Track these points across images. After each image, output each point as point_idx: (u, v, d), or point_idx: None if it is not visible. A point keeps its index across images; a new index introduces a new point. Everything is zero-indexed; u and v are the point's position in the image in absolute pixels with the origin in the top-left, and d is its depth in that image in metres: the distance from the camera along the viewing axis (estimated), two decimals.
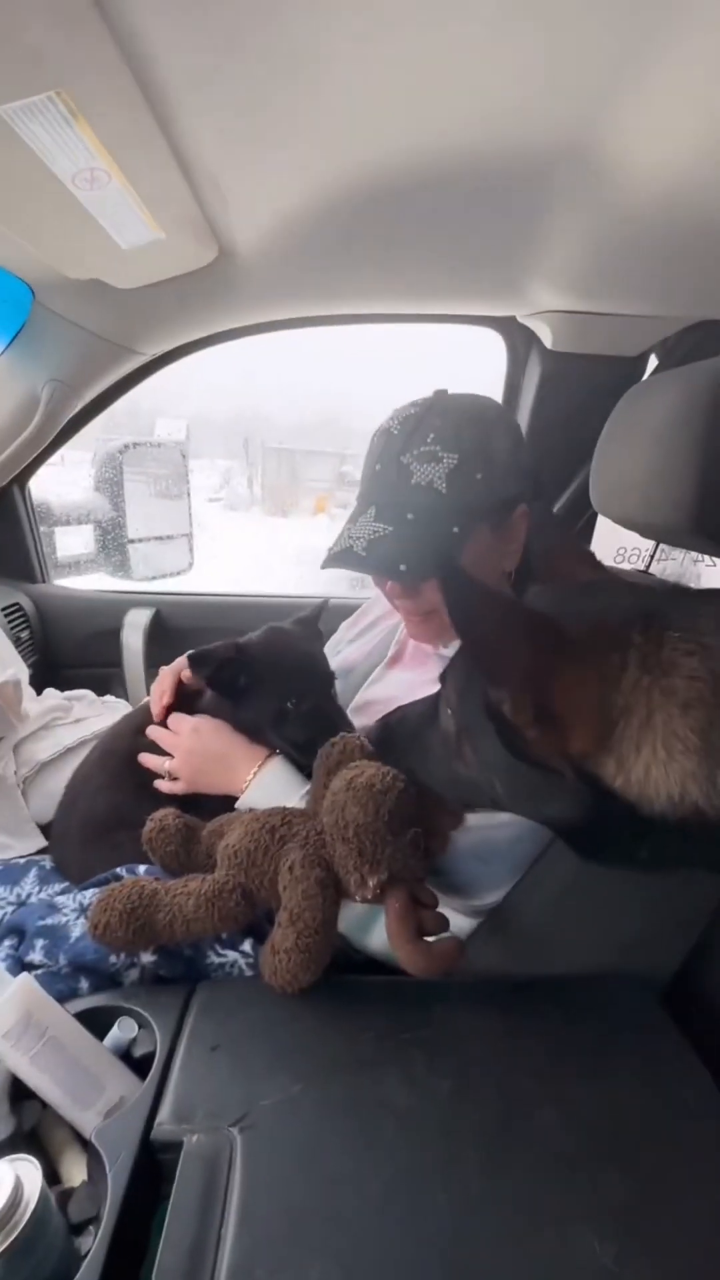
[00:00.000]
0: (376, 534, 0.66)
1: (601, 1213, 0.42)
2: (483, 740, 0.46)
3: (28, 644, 1.32)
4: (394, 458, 0.68)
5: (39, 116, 0.51)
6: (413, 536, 0.66)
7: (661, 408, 0.79)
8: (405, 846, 0.57)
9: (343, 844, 0.57)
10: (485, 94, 0.58)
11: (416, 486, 0.67)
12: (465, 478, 0.67)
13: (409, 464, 0.67)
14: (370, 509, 0.69)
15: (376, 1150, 0.44)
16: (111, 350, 1.11)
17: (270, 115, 0.60)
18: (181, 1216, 0.40)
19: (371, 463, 0.72)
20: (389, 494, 0.68)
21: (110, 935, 0.59)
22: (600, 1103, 0.50)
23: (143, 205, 0.67)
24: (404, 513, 0.66)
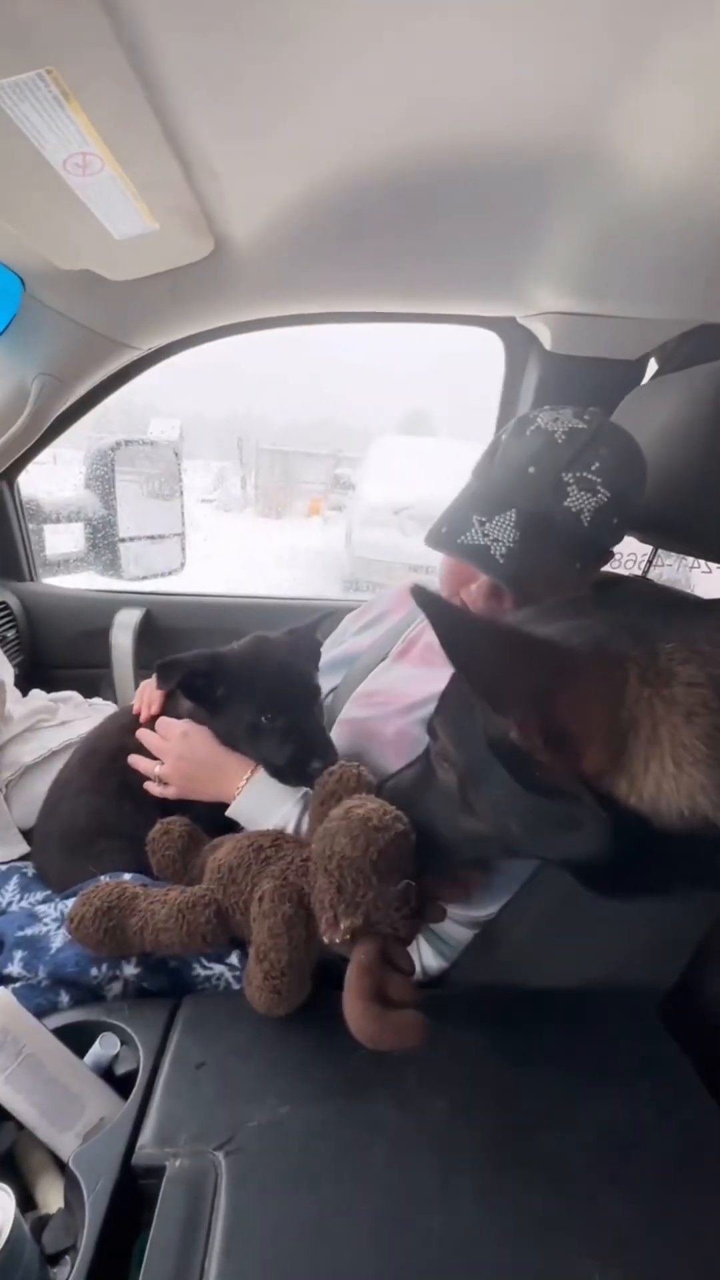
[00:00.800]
0: (515, 544, 0.64)
1: (603, 1240, 0.41)
2: (490, 781, 0.44)
3: (14, 643, 1.30)
4: (556, 470, 0.66)
5: (29, 96, 0.49)
6: (546, 559, 0.64)
7: (662, 412, 0.78)
8: (391, 897, 0.51)
9: (324, 875, 0.52)
10: (487, 89, 0.57)
11: (567, 510, 0.65)
12: (606, 518, 0.66)
13: (568, 483, 0.65)
14: (511, 511, 0.66)
15: (367, 1176, 0.43)
16: (103, 344, 1.09)
17: (269, 104, 0.59)
18: (162, 1247, 0.38)
19: (523, 458, 0.68)
20: (536, 503, 0.66)
21: (83, 929, 0.58)
22: (600, 1124, 0.48)
23: (137, 194, 0.65)
24: (546, 533, 0.65)
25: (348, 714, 0.80)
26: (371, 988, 0.48)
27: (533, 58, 0.51)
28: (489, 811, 0.47)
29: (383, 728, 0.73)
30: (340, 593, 4.50)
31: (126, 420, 4.31)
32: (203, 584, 1.60)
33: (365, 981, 0.48)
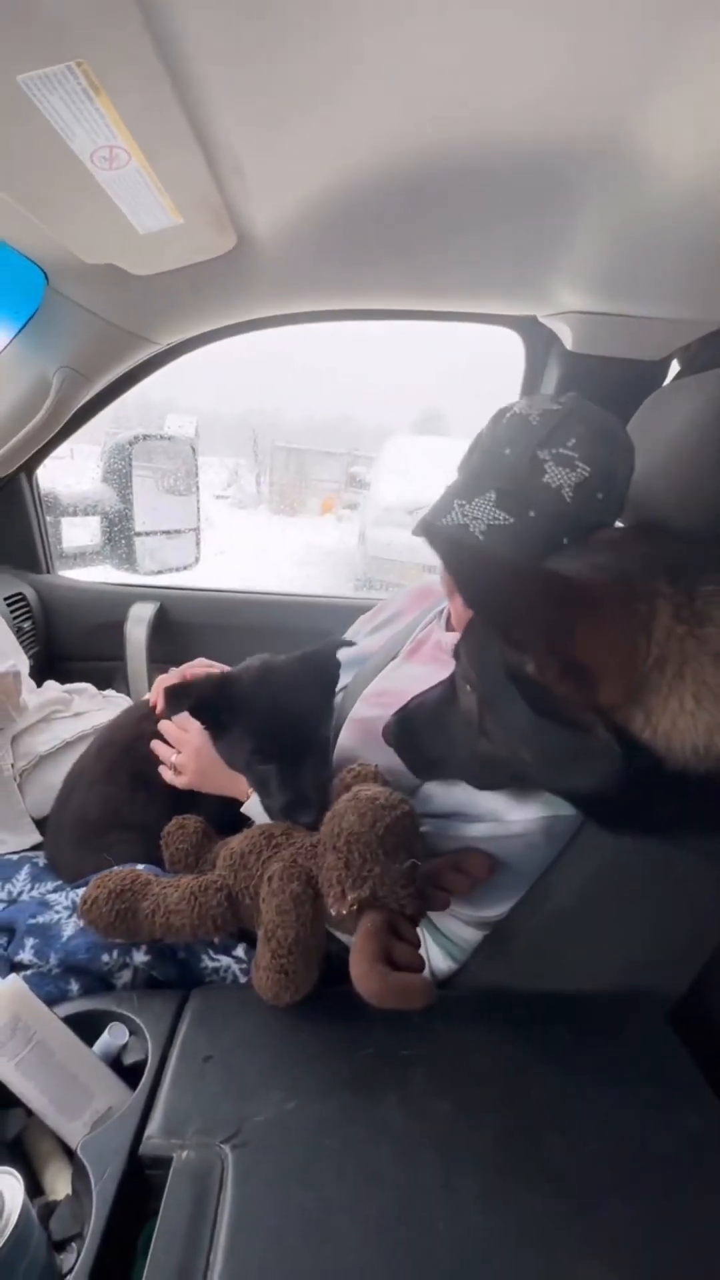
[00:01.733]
0: (497, 521, 0.64)
1: (607, 1244, 0.40)
2: (507, 708, 0.45)
3: (30, 634, 1.31)
4: (530, 449, 0.66)
5: (58, 88, 0.49)
6: (530, 536, 0.64)
7: (684, 414, 0.77)
8: (397, 874, 0.52)
9: (332, 852, 0.54)
10: (513, 85, 0.56)
11: (546, 486, 0.64)
12: (589, 493, 0.65)
13: (545, 460, 0.65)
14: (491, 493, 0.66)
15: (373, 1174, 0.42)
16: (124, 338, 1.09)
17: (295, 100, 0.59)
18: (168, 1239, 0.39)
19: (499, 446, 0.68)
20: (515, 484, 0.66)
21: (95, 911, 0.58)
22: (606, 1129, 0.48)
23: (162, 188, 0.66)
24: (527, 509, 0.64)
25: (357, 713, 0.80)
26: (378, 950, 0.49)
27: (559, 54, 0.51)
28: (503, 737, 0.47)
29: None
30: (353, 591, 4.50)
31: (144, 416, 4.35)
32: (216, 580, 1.61)
33: (372, 944, 0.49)
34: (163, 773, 0.77)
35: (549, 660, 0.38)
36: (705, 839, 0.53)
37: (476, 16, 0.47)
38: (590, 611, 0.38)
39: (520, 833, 0.63)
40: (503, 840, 0.64)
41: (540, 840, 0.64)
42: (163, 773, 0.77)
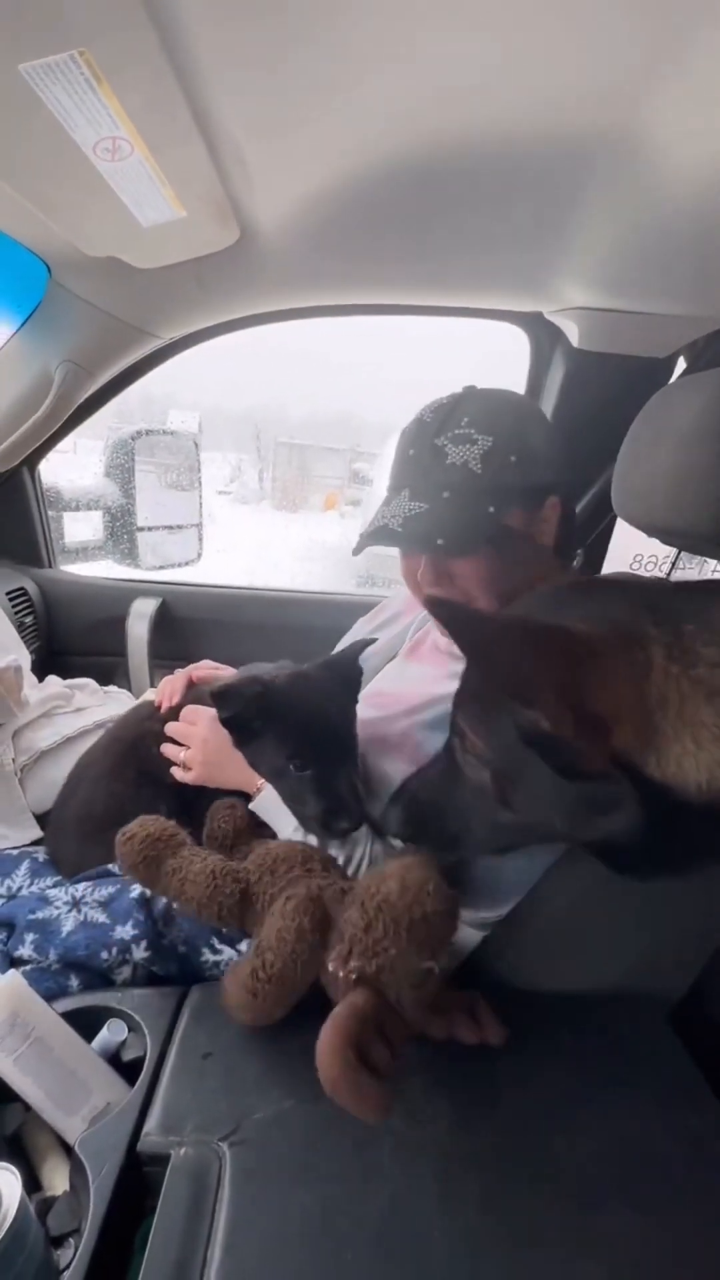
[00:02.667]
0: (413, 511, 0.66)
1: (607, 1246, 0.40)
2: (528, 775, 0.44)
3: (31, 629, 1.31)
4: (427, 441, 0.68)
5: (61, 78, 0.49)
6: (449, 513, 0.65)
7: (690, 411, 0.76)
8: (412, 968, 0.48)
9: (359, 909, 0.50)
10: (521, 77, 0.55)
11: (451, 466, 0.66)
12: (500, 459, 0.67)
13: (443, 445, 0.67)
14: (404, 491, 0.68)
15: (372, 1175, 0.42)
16: (127, 332, 1.09)
17: (300, 92, 0.58)
18: (166, 1236, 0.38)
19: (404, 450, 0.71)
20: (423, 476, 0.68)
21: (129, 847, 0.58)
22: (606, 1130, 0.47)
23: (165, 180, 0.65)
24: (440, 491, 0.66)
25: (358, 714, 0.79)
26: (353, 1034, 0.44)
27: (566, 47, 0.50)
28: (528, 804, 0.46)
29: (388, 728, 0.73)
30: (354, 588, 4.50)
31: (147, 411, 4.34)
32: (218, 575, 1.61)
33: (351, 1025, 0.44)
34: (175, 773, 0.77)
35: (564, 714, 0.38)
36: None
37: (483, 9, 0.46)
38: (596, 660, 0.38)
39: None
40: None
41: (540, 846, 0.63)
42: (175, 773, 0.77)
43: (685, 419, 0.73)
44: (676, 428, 0.72)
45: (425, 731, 0.70)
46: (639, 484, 0.76)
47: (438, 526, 0.64)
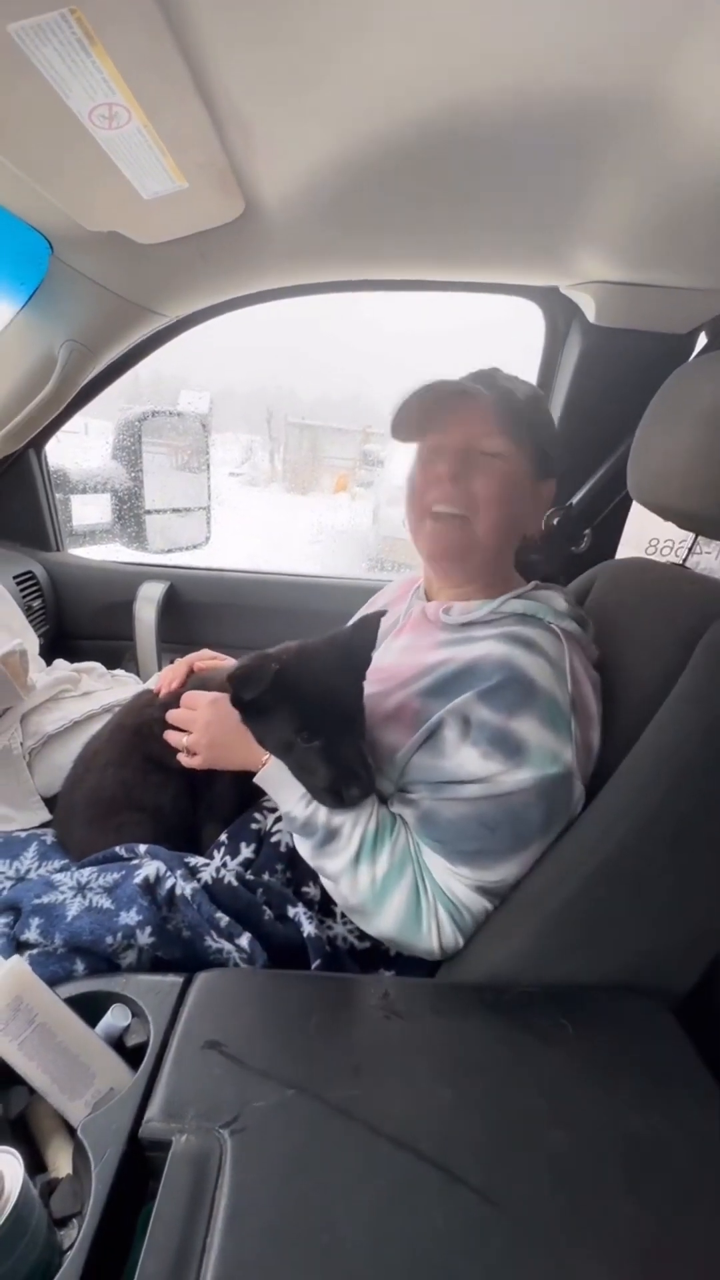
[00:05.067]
0: (472, 387, 0.72)
1: (610, 1244, 0.40)
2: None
3: (39, 613, 1.31)
4: (486, 370, 0.77)
5: (52, 39, 0.47)
6: (493, 408, 0.72)
7: (711, 390, 0.73)
8: None
9: None
10: (538, 37, 0.52)
11: (501, 385, 0.74)
12: (537, 407, 0.76)
13: (496, 372, 0.77)
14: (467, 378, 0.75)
15: (372, 1165, 0.42)
16: (131, 310, 1.07)
17: (306, 54, 0.55)
18: (166, 1222, 0.39)
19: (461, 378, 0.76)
20: (477, 379, 0.75)
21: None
22: (609, 1123, 0.47)
23: (165, 149, 0.63)
24: (491, 389, 0.73)
25: None
26: None
27: (585, 4, 0.47)
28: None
29: (386, 702, 0.74)
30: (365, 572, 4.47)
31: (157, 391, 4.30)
32: (227, 559, 1.60)
33: None
34: (181, 759, 0.77)
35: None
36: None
37: None
38: None
39: (511, 791, 0.64)
40: (495, 800, 0.64)
41: (531, 800, 0.64)
42: (181, 759, 0.77)
43: (706, 398, 0.71)
44: (696, 407, 0.69)
45: (422, 699, 0.70)
46: (655, 465, 0.74)
47: (486, 409, 0.72)
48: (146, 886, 0.64)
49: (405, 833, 0.69)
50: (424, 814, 0.68)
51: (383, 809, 0.71)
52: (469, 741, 0.66)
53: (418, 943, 0.66)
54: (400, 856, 0.67)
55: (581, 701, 0.67)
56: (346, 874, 0.67)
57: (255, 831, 0.75)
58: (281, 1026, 0.53)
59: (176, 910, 0.64)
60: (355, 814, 0.68)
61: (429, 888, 0.66)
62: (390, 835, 0.68)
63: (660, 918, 0.60)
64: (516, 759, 0.64)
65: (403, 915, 0.65)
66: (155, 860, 0.68)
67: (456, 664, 0.69)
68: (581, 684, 0.68)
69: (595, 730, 0.69)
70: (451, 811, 0.66)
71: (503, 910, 0.66)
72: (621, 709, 0.70)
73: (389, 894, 0.66)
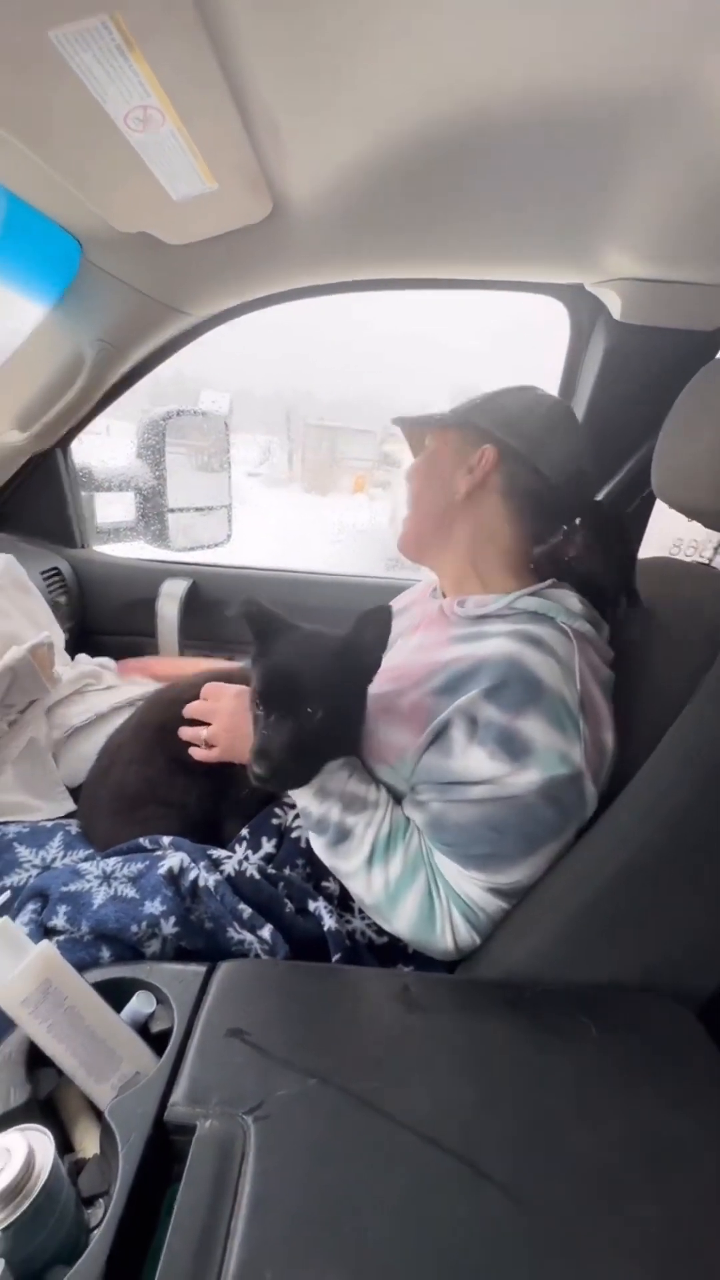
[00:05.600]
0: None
1: (635, 1245, 0.40)
2: None
3: (64, 609, 1.33)
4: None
5: (91, 44, 0.48)
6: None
7: None
8: None
9: None
10: (567, 31, 0.52)
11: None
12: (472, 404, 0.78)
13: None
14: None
15: (396, 1156, 0.42)
16: (159, 310, 1.08)
17: (335, 54, 0.56)
18: (191, 1204, 0.39)
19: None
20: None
21: None
22: (633, 1125, 0.47)
23: (196, 152, 0.64)
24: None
25: (371, 690, 0.79)
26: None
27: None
28: None
29: (399, 701, 0.74)
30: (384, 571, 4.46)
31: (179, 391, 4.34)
32: (247, 557, 1.61)
33: None
34: (194, 754, 0.77)
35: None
36: None
37: None
38: None
39: (518, 793, 0.63)
40: (502, 802, 0.64)
41: (539, 802, 0.63)
42: (194, 754, 0.77)
43: None
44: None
45: (434, 698, 0.70)
46: (681, 464, 0.73)
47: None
48: (170, 877, 0.65)
49: (418, 836, 0.69)
50: (433, 818, 0.68)
51: (397, 811, 0.71)
52: (476, 741, 0.66)
53: (433, 943, 0.66)
54: (413, 860, 0.67)
55: (590, 702, 0.67)
56: (360, 875, 0.67)
57: (276, 826, 0.76)
58: (303, 1017, 0.53)
59: (200, 901, 0.65)
60: (368, 815, 0.68)
61: (442, 891, 0.66)
62: (403, 839, 0.68)
63: (683, 919, 0.60)
64: (523, 759, 0.63)
65: (416, 917, 0.65)
66: (179, 852, 0.69)
67: (467, 662, 0.69)
68: (590, 684, 0.68)
69: (608, 730, 0.68)
70: (460, 815, 0.66)
71: (523, 908, 0.66)
72: (645, 709, 0.70)
73: (402, 897, 0.66)
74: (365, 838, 0.67)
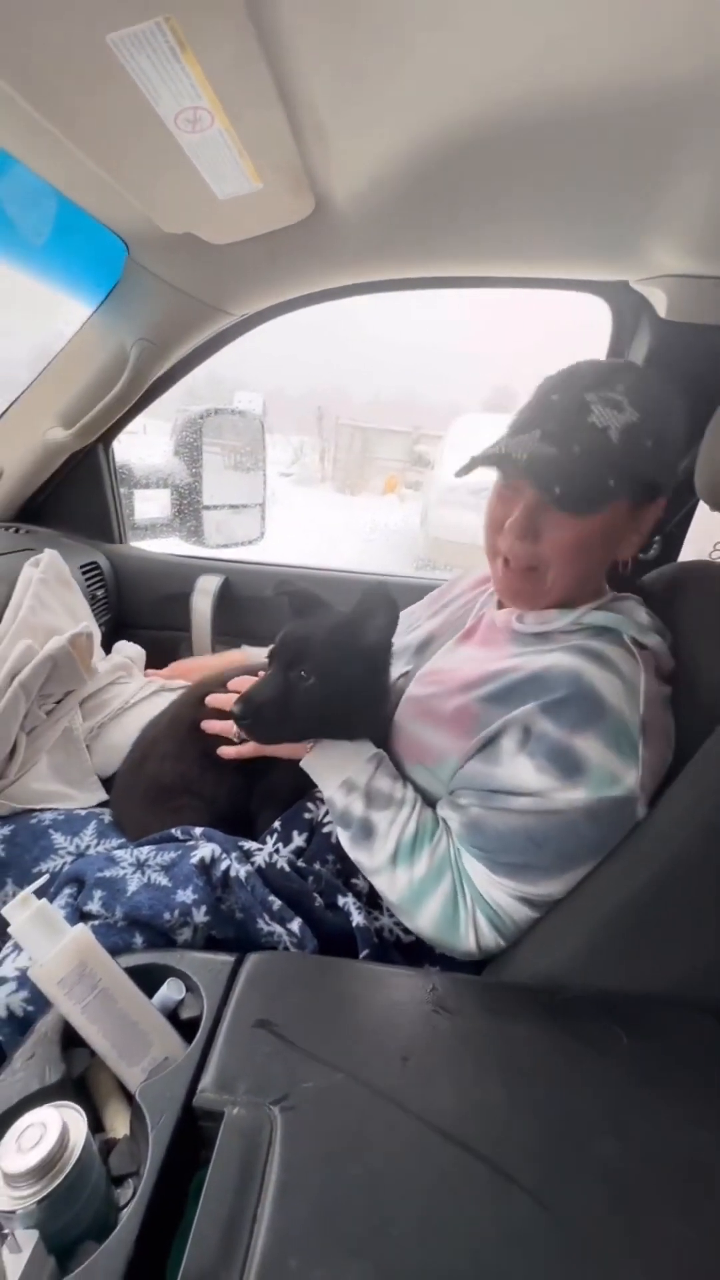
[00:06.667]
0: (541, 451, 0.66)
1: (662, 1263, 0.39)
2: None
3: (102, 602, 1.36)
4: (576, 392, 0.68)
5: (146, 47, 0.49)
6: (574, 467, 0.65)
7: None
8: None
9: None
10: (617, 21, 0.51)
11: (592, 426, 0.65)
12: (637, 440, 0.66)
13: (591, 402, 0.66)
14: (536, 430, 0.68)
15: (422, 1155, 0.42)
16: (200, 309, 1.10)
17: (382, 49, 0.56)
18: (219, 1189, 0.40)
19: (546, 393, 0.71)
20: (560, 423, 0.67)
21: None
22: (666, 1140, 0.46)
23: (243, 150, 0.65)
24: (571, 444, 0.65)
25: (412, 692, 0.80)
26: None
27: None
28: None
29: (442, 704, 0.73)
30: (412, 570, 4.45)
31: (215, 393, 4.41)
32: (279, 554, 1.62)
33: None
34: (223, 752, 0.78)
35: None
36: None
37: None
38: None
39: (563, 809, 0.62)
40: (545, 815, 0.63)
41: (582, 820, 0.62)
42: (223, 752, 0.78)
43: None
44: None
45: (483, 705, 0.69)
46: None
47: (561, 474, 0.64)
48: (202, 867, 0.66)
49: (446, 839, 0.68)
50: (471, 821, 0.67)
51: (425, 812, 0.70)
52: (525, 752, 0.64)
53: (455, 945, 0.65)
54: (439, 863, 0.66)
55: (652, 723, 0.64)
56: (383, 873, 0.67)
57: (308, 821, 0.76)
58: (330, 1011, 0.53)
59: (230, 891, 0.65)
60: (393, 813, 0.68)
61: (468, 894, 0.65)
62: (430, 841, 0.68)
63: (717, 931, 0.58)
64: (574, 777, 0.62)
65: (439, 919, 0.65)
66: (210, 842, 0.69)
67: (523, 672, 0.67)
68: (655, 704, 0.65)
69: (669, 748, 0.66)
70: (499, 822, 0.65)
71: (554, 913, 0.65)
72: (684, 714, 0.68)
73: (425, 899, 0.66)
74: (390, 835, 0.67)
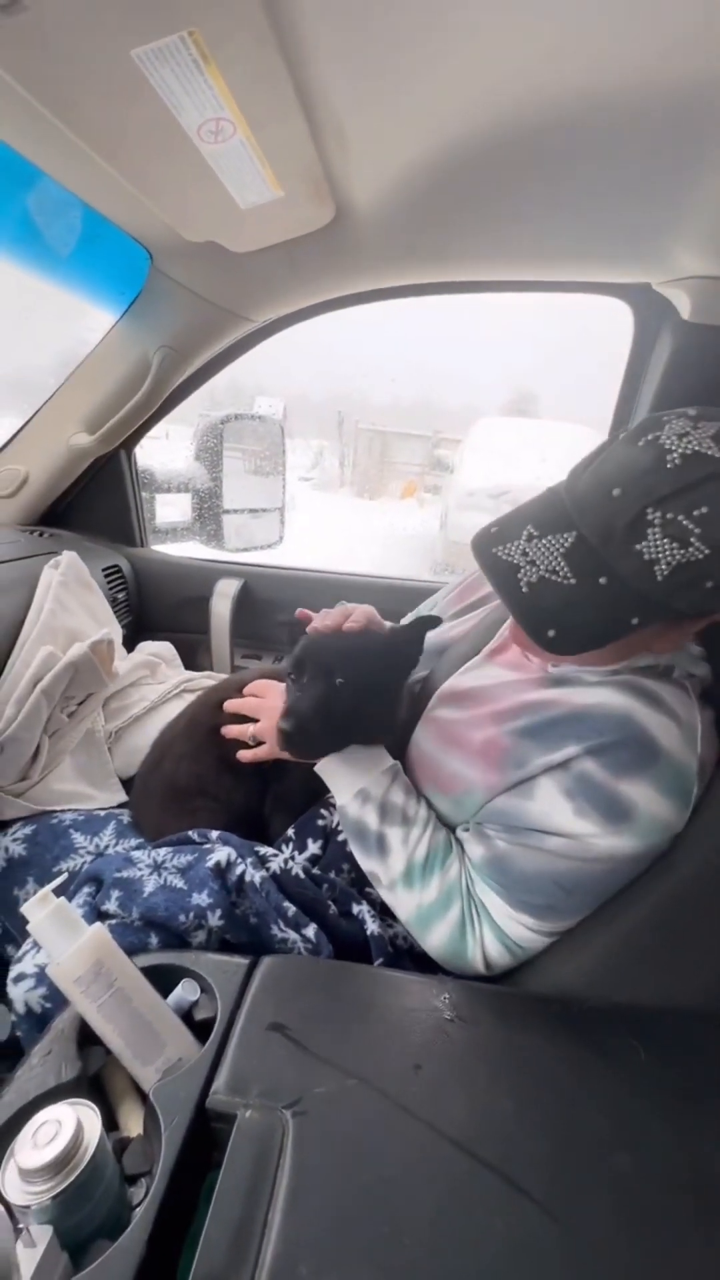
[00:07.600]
0: (555, 576, 0.55)
1: (671, 1276, 0.38)
2: None
3: (124, 605, 1.38)
4: (639, 497, 0.52)
5: (170, 61, 0.50)
6: (588, 605, 0.54)
7: None
8: None
9: None
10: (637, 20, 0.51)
11: (637, 554, 0.52)
12: (695, 578, 0.52)
13: (652, 523, 0.52)
14: (570, 535, 0.55)
15: (433, 1164, 0.42)
16: (222, 316, 1.11)
17: (402, 53, 0.56)
18: (231, 1191, 0.40)
19: (612, 480, 0.55)
20: (602, 535, 0.54)
21: None
22: (681, 1156, 0.45)
23: (264, 159, 0.65)
24: (599, 573, 0.54)
25: (435, 712, 0.75)
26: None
27: None
28: None
29: (469, 734, 0.68)
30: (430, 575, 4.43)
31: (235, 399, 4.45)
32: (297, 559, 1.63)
33: None
34: (241, 756, 0.77)
35: None
36: None
37: None
38: None
39: (604, 857, 0.59)
40: (581, 863, 0.60)
41: (626, 868, 0.60)
42: (241, 756, 0.77)
43: None
44: None
45: (516, 739, 0.64)
46: None
47: (563, 612, 0.54)
48: (218, 871, 0.66)
49: (458, 865, 0.66)
50: (496, 856, 0.64)
51: (439, 833, 0.68)
52: (564, 793, 0.60)
53: (464, 967, 0.65)
54: (448, 889, 0.65)
55: (710, 758, 0.60)
56: (392, 891, 0.67)
57: (322, 828, 0.76)
58: (343, 1017, 0.53)
59: (245, 896, 0.66)
60: (405, 831, 0.67)
61: (479, 923, 0.64)
62: (440, 866, 0.66)
63: None
64: (618, 825, 0.58)
65: (445, 944, 0.64)
66: (226, 846, 0.70)
67: (563, 709, 0.62)
68: (712, 744, 0.60)
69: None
70: (527, 861, 0.62)
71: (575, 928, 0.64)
72: None
73: (432, 923, 0.65)
74: (401, 854, 0.66)
